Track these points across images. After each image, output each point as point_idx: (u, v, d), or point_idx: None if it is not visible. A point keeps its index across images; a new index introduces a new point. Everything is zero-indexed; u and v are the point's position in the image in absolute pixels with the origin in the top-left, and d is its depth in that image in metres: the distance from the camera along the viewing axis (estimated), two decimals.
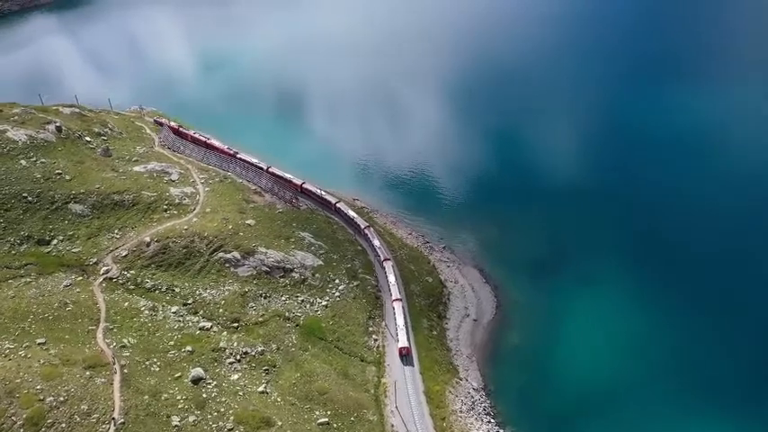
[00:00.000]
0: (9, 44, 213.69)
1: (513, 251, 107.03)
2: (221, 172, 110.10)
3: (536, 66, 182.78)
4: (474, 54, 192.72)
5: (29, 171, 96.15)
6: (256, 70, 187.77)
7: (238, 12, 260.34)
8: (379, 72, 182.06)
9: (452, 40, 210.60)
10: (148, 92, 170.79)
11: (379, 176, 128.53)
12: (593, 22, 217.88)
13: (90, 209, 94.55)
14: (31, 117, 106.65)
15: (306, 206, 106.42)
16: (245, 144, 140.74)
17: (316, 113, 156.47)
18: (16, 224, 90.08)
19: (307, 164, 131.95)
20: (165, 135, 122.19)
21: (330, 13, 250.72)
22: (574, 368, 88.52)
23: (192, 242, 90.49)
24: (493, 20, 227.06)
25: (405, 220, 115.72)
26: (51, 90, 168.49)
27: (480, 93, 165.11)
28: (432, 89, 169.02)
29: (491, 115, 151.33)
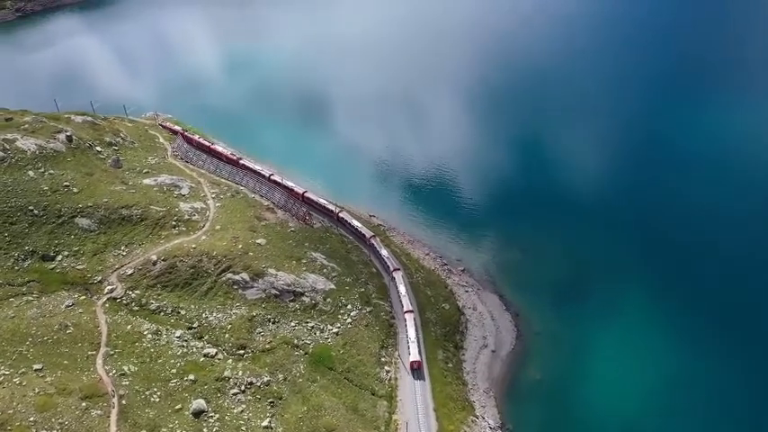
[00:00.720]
0: (30, 45, 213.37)
1: (536, 275, 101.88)
2: (233, 186, 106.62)
3: (562, 70, 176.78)
4: (498, 57, 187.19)
5: (36, 183, 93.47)
6: (277, 73, 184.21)
7: (262, 12, 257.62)
8: (402, 76, 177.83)
9: (477, 40, 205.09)
10: (166, 96, 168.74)
11: (397, 191, 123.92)
12: (625, 23, 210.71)
13: (97, 223, 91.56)
14: (41, 126, 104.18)
15: (320, 224, 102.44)
16: (259, 151, 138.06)
17: (335, 121, 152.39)
18: (21, 238, 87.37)
19: (323, 175, 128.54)
20: (178, 145, 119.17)
21: (355, 12, 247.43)
22: (599, 405, 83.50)
23: (200, 262, 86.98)
24: (520, 19, 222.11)
25: (422, 239, 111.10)
26: (69, 93, 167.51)
27: (505, 101, 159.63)
28: (453, 95, 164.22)
29: (516, 125, 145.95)
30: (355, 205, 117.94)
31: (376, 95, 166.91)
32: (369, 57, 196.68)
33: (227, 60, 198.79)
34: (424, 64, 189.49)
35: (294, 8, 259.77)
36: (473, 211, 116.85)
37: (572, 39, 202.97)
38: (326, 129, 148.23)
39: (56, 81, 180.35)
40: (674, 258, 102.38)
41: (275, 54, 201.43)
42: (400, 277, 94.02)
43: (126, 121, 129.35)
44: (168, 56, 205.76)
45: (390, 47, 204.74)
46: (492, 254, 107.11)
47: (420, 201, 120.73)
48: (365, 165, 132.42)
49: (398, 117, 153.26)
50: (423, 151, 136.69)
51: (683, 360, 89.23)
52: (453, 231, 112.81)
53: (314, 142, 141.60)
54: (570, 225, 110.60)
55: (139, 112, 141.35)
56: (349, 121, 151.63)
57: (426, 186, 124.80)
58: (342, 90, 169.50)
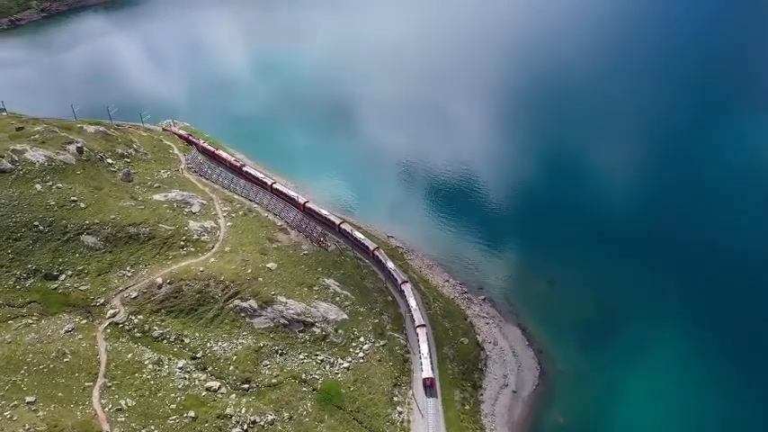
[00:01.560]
0: (54, 46, 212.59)
1: (562, 308, 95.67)
2: (246, 203, 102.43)
3: (600, 78, 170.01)
4: (528, 62, 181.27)
5: (43, 197, 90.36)
6: (301, 79, 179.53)
7: (289, 13, 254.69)
8: (428, 81, 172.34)
9: (507, 43, 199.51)
10: (185, 102, 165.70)
11: (417, 210, 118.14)
12: (663, 22, 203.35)
13: (103, 242, 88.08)
14: (52, 136, 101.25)
15: (334, 246, 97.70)
16: (277, 163, 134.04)
17: (357, 131, 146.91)
18: (24, 255, 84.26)
19: (341, 192, 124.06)
20: (192, 157, 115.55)
21: (382, 14, 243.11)
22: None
23: (207, 286, 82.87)
24: (555, 21, 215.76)
25: (442, 263, 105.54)
26: (89, 96, 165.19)
27: (534, 112, 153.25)
28: (481, 104, 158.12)
29: (546, 139, 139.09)
30: (373, 225, 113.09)
31: (400, 104, 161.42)
32: (395, 61, 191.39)
33: (251, 64, 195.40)
34: (452, 69, 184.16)
35: (322, 10, 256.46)
36: (498, 235, 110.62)
37: (606, 41, 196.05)
38: (348, 140, 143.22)
39: (76, 83, 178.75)
40: (715, 296, 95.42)
41: (300, 58, 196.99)
42: (409, 290, 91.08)
43: (141, 129, 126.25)
44: (190, 59, 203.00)
45: (417, 50, 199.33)
46: (516, 282, 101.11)
47: (441, 221, 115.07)
48: (385, 180, 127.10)
49: (422, 128, 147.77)
50: (445, 166, 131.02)
51: (719, 407, 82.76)
52: (476, 255, 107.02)
53: (334, 155, 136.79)
54: (601, 254, 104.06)
55: (156, 120, 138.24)
56: (371, 132, 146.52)
57: (448, 205, 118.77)
58: (366, 97, 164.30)
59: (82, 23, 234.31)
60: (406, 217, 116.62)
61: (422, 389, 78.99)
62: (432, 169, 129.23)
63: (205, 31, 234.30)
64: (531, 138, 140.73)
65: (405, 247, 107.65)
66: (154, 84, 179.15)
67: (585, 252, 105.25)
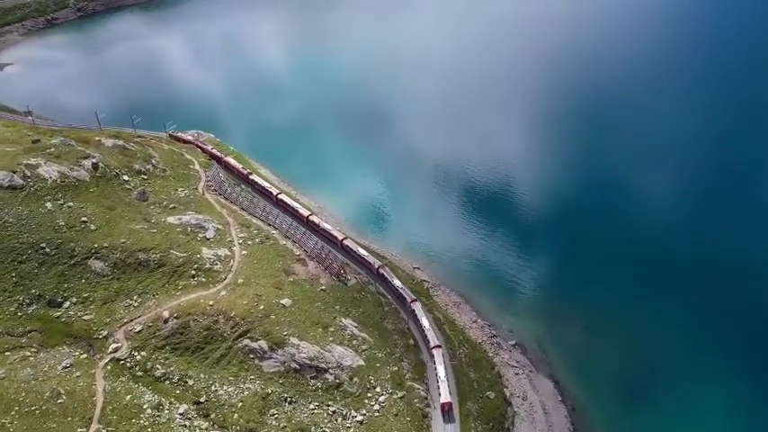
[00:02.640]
0: (87, 47, 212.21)
1: (600, 360, 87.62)
2: (264, 229, 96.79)
3: (649, 87, 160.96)
4: (580, 72, 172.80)
5: (52, 217, 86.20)
6: (339, 87, 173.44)
7: (332, 15, 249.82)
8: (468, 96, 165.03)
9: (563, 47, 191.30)
10: (215, 110, 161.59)
11: (446, 240, 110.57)
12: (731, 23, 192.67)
13: (111, 267, 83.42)
14: (68, 150, 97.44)
15: (355, 279, 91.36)
16: (303, 179, 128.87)
17: (389, 149, 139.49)
18: (29, 279, 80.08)
19: (367, 215, 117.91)
20: (213, 174, 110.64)
21: (430, 16, 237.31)
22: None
23: (216, 323, 77.44)
24: (611, 22, 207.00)
25: (471, 300, 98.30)
26: (117, 100, 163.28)
27: (580, 129, 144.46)
28: (523, 118, 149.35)
29: (587, 167, 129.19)
30: (399, 254, 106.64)
31: (438, 115, 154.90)
32: (432, 66, 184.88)
33: (286, 70, 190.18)
34: (493, 78, 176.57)
35: (367, 11, 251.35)
36: (531, 271, 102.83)
37: (670, 45, 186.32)
38: (378, 158, 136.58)
39: (106, 86, 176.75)
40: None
41: (341, 63, 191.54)
42: (420, 309, 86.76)
43: (163, 141, 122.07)
44: (223, 63, 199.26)
45: (455, 55, 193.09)
46: (550, 326, 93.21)
47: (471, 253, 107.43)
48: (415, 206, 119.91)
49: (456, 146, 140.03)
50: (479, 193, 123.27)
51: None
52: (507, 293, 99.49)
53: (364, 175, 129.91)
54: (646, 298, 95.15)
55: (180, 130, 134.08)
56: (403, 149, 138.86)
57: (479, 236, 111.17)
58: (403, 107, 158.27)
59: (117, 24, 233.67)
60: (435, 247, 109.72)
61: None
62: (464, 196, 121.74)
63: (241, 33, 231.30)
64: (571, 162, 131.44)
65: (431, 281, 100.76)
66: (183, 89, 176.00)
67: (628, 295, 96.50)
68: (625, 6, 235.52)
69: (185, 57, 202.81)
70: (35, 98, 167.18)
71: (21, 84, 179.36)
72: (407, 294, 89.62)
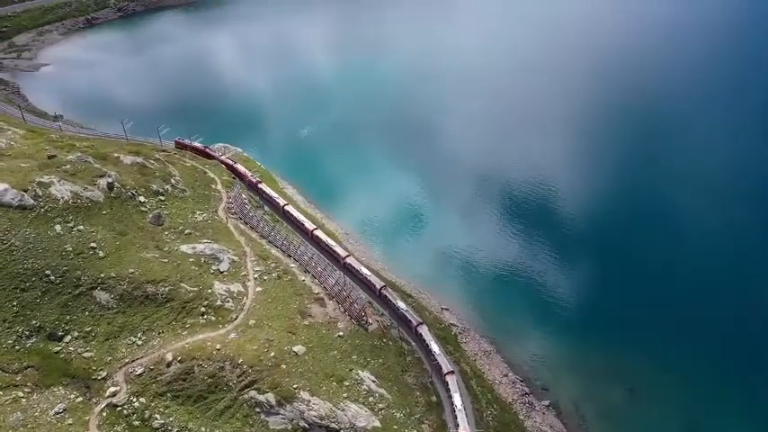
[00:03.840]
0: (125, 48, 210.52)
1: (645, 429, 78.65)
2: (283, 261, 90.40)
3: (717, 102, 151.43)
4: (640, 86, 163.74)
5: (60, 241, 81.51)
6: (379, 99, 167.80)
7: (380, 13, 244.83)
8: (520, 112, 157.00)
9: (621, 58, 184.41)
10: (246, 121, 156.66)
11: (482, 277, 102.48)
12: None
13: (117, 300, 78.22)
14: (84, 167, 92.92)
15: (376, 323, 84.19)
16: (324, 196, 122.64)
17: (430, 171, 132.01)
18: (30, 309, 75.37)
19: (396, 244, 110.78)
20: (235, 196, 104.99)
21: (480, 18, 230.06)
22: None
23: (222, 370, 71.27)
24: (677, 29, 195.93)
25: (503, 351, 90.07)
26: (147, 106, 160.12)
27: (637, 152, 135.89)
28: (572, 137, 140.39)
29: (647, 193, 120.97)
30: (427, 291, 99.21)
31: (486, 134, 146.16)
32: (484, 76, 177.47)
33: (325, 80, 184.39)
34: (546, 87, 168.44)
35: (419, 11, 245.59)
36: (571, 320, 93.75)
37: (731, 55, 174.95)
38: (416, 180, 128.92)
39: (138, 91, 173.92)
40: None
41: (383, 71, 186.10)
42: (427, 332, 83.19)
43: (186, 157, 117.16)
44: (260, 70, 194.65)
45: (514, 63, 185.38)
46: (589, 385, 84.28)
47: (507, 294, 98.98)
48: (448, 236, 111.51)
49: (502, 170, 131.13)
50: (521, 227, 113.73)
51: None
52: (544, 342, 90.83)
53: (399, 198, 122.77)
54: (702, 359, 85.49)
55: (207, 144, 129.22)
56: (444, 174, 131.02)
57: (518, 275, 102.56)
58: (449, 123, 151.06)
59: (155, 25, 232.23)
60: (467, 285, 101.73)
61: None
62: (502, 231, 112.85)
63: (281, 37, 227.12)
64: (624, 193, 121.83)
65: (460, 324, 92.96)
66: (215, 97, 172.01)
67: (683, 354, 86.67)
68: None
69: (220, 62, 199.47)
70: (67, 101, 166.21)
71: (55, 85, 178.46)
72: (413, 317, 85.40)
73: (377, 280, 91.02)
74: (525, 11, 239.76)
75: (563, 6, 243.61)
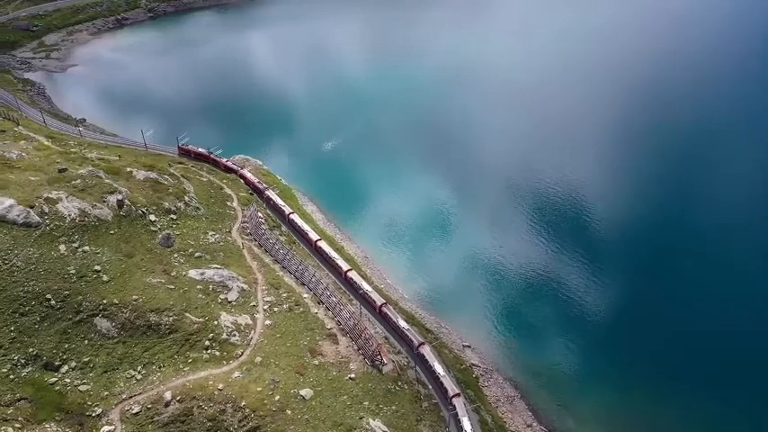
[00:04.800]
0: (153, 51, 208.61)
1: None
2: (296, 291, 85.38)
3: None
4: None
5: (64, 262, 77.80)
6: (412, 110, 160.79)
7: (426, 16, 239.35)
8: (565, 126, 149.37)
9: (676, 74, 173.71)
10: (271, 130, 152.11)
11: (510, 313, 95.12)
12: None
13: (118, 329, 74.10)
14: (94, 183, 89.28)
15: (392, 364, 78.49)
16: (345, 215, 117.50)
17: (459, 190, 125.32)
18: (28, 336, 71.64)
19: (418, 271, 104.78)
20: (250, 215, 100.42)
21: (522, 21, 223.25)
22: None
23: (223, 412, 66.45)
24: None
25: (527, 396, 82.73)
26: (169, 113, 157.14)
27: (687, 163, 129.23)
28: (617, 162, 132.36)
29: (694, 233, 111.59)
30: (449, 326, 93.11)
31: (525, 152, 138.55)
32: (529, 83, 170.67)
33: (354, 87, 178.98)
34: (588, 94, 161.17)
35: (452, 10, 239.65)
36: (608, 362, 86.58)
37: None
38: (444, 200, 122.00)
39: (161, 96, 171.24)
40: None
41: (419, 76, 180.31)
42: (429, 353, 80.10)
43: (203, 170, 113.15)
44: (287, 75, 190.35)
45: (552, 69, 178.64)
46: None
47: (537, 333, 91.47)
48: (475, 265, 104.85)
49: (536, 189, 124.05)
50: (553, 254, 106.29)
51: None
52: (573, 387, 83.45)
53: (425, 219, 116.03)
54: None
55: (228, 155, 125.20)
56: (475, 194, 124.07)
57: (550, 312, 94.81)
58: (482, 136, 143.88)
59: (185, 27, 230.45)
60: (493, 320, 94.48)
61: None
62: (533, 260, 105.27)
63: (311, 40, 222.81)
64: (671, 222, 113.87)
65: (482, 365, 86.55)
66: (239, 104, 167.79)
67: (732, 409, 79.13)
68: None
69: (247, 66, 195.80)
70: (91, 104, 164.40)
71: (81, 87, 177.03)
72: (414, 337, 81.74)
73: (377, 297, 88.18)
74: (566, 14, 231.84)
75: (610, 9, 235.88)
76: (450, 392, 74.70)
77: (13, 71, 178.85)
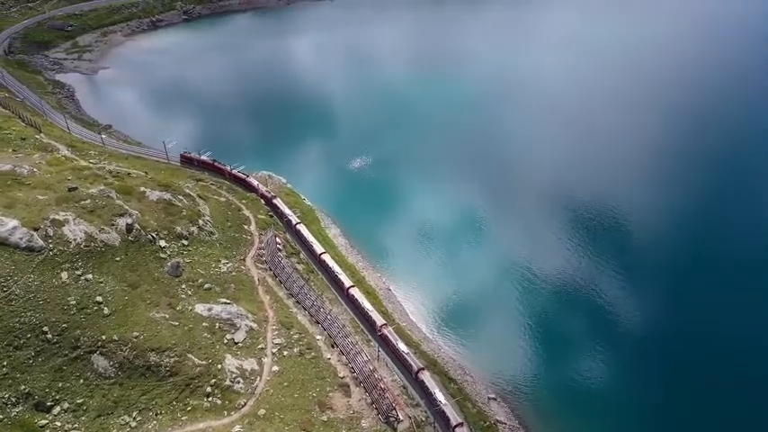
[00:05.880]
0: (186, 54, 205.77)
1: None
2: (308, 332, 79.27)
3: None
4: None
5: (64, 292, 73.20)
6: (452, 120, 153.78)
7: (473, 21, 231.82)
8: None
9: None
10: (298, 145, 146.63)
11: (543, 362, 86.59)
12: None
13: (116, 368, 69.14)
14: (105, 204, 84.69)
15: (408, 422, 71.73)
16: (370, 241, 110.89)
17: (499, 215, 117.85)
18: (21, 372, 67.13)
19: (443, 304, 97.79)
20: (268, 241, 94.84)
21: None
22: None
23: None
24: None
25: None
26: (195, 122, 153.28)
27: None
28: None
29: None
30: (476, 373, 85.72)
31: (572, 179, 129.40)
32: (581, 98, 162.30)
33: (394, 96, 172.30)
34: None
35: (507, 19, 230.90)
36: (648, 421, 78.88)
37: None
38: (484, 225, 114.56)
39: (189, 103, 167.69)
40: None
41: (463, 88, 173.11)
42: (429, 379, 76.04)
43: (223, 188, 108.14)
44: (322, 84, 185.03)
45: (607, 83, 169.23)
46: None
47: (572, 386, 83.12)
48: (508, 303, 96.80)
49: (584, 226, 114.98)
50: (596, 299, 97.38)
51: None
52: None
53: (457, 247, 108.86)
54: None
55: (251, 170, 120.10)
56: (518, 220, 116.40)
57: (586, 366, 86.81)
58: (532, 155, 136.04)
59: (219, 30, 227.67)
60: (523, 368, 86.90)
61: None
62: (575, 305, 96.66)
63: (351, 45, 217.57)
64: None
65: (508, 422, 78.84)
66: (268, 114, 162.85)
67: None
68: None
69: (278, 74, 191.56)
70: (118, 109, 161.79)
71: (110, 91, 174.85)
72: (414, 362, 77.24)
73: (377, 317, 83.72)
74: (623, 20, 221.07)
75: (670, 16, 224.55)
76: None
77: (44, 72, 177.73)
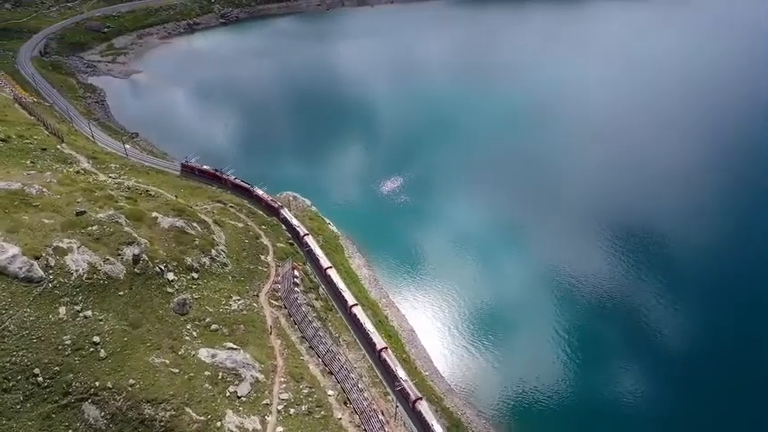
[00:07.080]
0: (221, 60, 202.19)
1: None
2: (320, 385, 72.41)
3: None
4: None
5: (60, 330, 68.11)
6: (494, 138, 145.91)
7: (520, 34, 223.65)
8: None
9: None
10: (329, 163, 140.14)
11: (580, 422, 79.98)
12: None
13: (107, 420, 63.47)
14: (112, 231, 79.62)
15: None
16: (395, 275, 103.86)
17: (544, 251, 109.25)
18: (7, 417, 62.05)
19: (474, 354, 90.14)
20: (284, 275, 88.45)
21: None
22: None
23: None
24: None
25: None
26: (219, 134, 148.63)
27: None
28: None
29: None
30: (496, 419, 78.01)
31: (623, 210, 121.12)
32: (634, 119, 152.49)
33: (434, 111, 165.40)
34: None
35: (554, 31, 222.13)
36: None
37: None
38: (525, 262, 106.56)
39: (216, 113, 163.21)
40: None
41: (519, 103, 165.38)
42: (426, 409, 71.70)
43: (243, 213, 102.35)
44: (358, 97, 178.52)
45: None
46: None
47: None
48: (545, 355, 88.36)
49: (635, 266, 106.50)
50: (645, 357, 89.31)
51: None
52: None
53: (490, 284, 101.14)
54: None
55: (274, 191, 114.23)
56: (564, 256, 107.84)
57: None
58: (580, 180, 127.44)
59: (256, 36, 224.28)
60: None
61: None
62: (622, 366, 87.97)
63: (391, 55, 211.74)
64: None
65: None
66: (300, 128, 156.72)
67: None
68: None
69: (314, 84, 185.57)
70: (147, 116, 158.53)
71: (140, 96, 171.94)
72: (412, 392, 72.25)
73: (378, 339, 78.98)
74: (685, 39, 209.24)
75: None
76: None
77: (77, 74, 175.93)
